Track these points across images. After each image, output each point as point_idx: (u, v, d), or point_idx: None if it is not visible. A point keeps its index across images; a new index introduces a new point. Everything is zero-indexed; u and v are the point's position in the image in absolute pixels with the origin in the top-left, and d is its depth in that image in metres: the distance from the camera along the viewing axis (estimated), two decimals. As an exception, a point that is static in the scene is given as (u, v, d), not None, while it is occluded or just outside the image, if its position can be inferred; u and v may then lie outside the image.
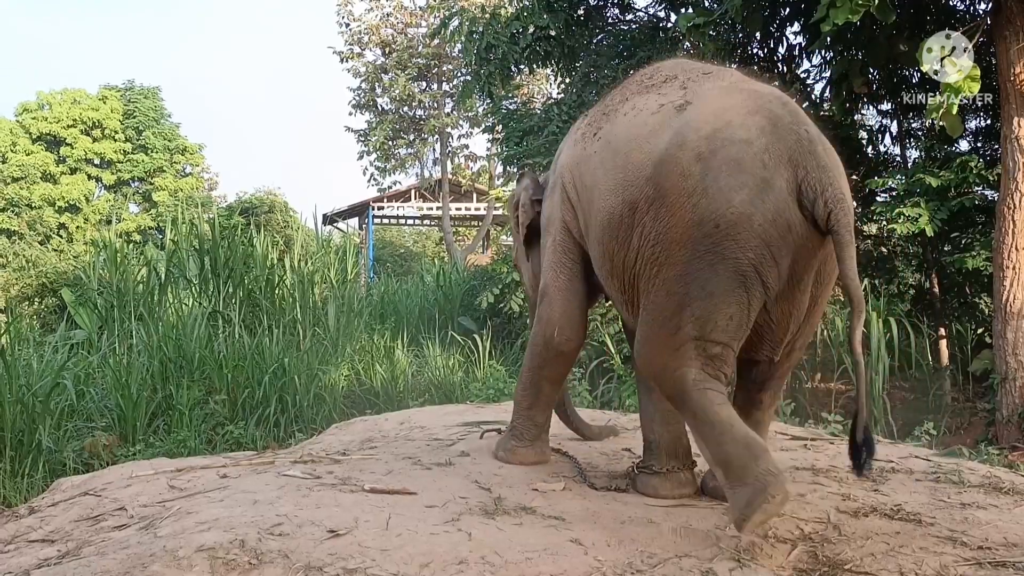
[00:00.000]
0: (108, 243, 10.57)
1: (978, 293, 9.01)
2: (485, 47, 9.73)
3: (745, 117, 2.84)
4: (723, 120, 2.85)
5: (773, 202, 2.73)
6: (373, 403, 8.24)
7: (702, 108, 2.94)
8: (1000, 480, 3.62)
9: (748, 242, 2.73)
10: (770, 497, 2.58)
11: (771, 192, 2.73)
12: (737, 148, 2.77)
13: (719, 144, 2.79)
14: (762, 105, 2.89)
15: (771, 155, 2.76)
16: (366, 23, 22.12)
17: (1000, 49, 7.02)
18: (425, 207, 24.75)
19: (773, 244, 2.75)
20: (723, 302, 2.78)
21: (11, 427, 5.95)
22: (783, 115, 2.85)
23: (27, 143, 27.25)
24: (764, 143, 2.77)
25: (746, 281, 2.77)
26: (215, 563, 2.41)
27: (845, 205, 2.72)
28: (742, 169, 2.74)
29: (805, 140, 2.79)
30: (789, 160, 2.76)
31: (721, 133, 2.81)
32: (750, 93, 2.97)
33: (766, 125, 2.81)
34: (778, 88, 3.22)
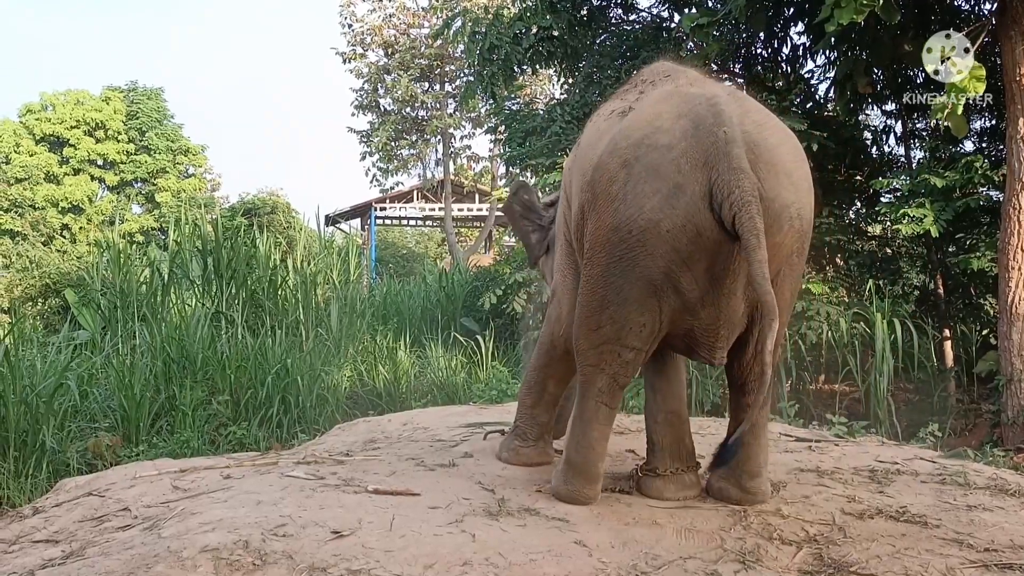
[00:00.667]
0: (111, 244, 10.58)
1: (983, 294, 8.99)
2: (488, 48, 9.72)
3: (673, 122, 2.90)
4: (653, 126, 2.92)
5: (683, 207, 2.77)
6: (376, 404, 8.23)
7: (637, 114, 3.04)
8: (1006, 482, 3.60)
9: (657, 249, 2.82)
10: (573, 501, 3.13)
11: (682, 197, 2.78)
12: (658, 154, 2.85)
13: (643, 151, 2.88)
14: (690, 108, 2.92)
15: (688, 159, 2.80)
16: (369, 24, 22.12)
17: (1005, 49, 7.00)
18: (427, 208, 24.77)
19: (682, 250, 2.81)
20: (636, 310, 2.95)
21: (15, 427, 5.95)
22: (706, 117, 2.86)
23: (30, 144, 27.26)
24: (683, 147, 2.82)
25: (657, 290, 2.90)
26: (219, 564, 2.40)
27: (751, 208, 2.68)
28: (658, 175, 2.82)
29: (721, 142, 2.78)
30: (705, 163, 2.78)
31: (647, 139, 2.89)
32: (684, 97, 3.01)
33: (689, 128, 2.85)
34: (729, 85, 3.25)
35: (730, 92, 3.11)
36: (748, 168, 2.75)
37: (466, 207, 24.49)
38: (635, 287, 2.91)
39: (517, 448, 3.85)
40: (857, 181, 9.77)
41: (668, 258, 2.82)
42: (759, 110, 3.08)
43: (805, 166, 3.03)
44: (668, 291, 2.90)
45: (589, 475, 3.15)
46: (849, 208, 9.95)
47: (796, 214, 2.87)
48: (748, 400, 3.17)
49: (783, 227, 2.84)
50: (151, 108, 28.97)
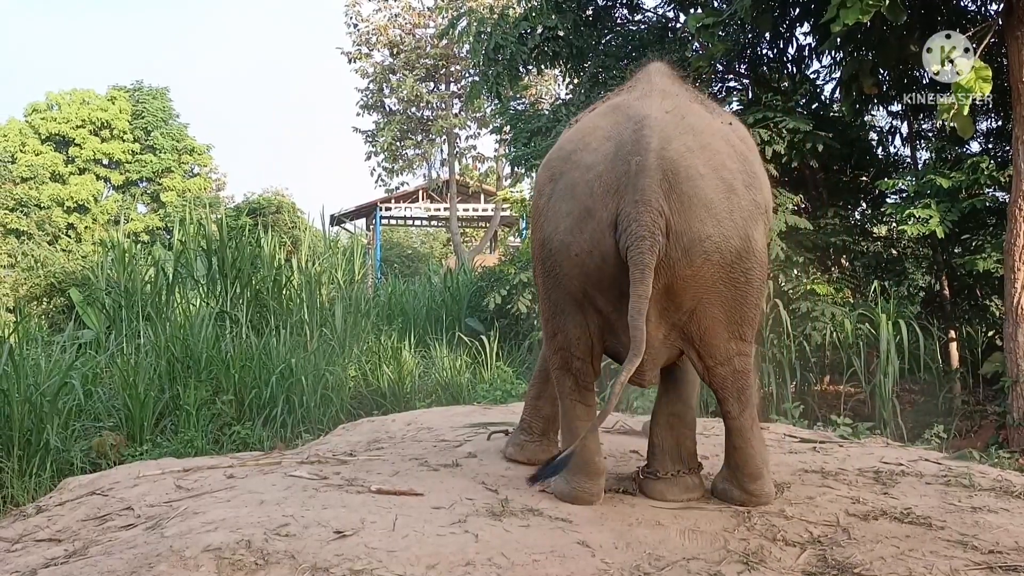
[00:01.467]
0: (116, 243, 10.59)
1: (989, 295, 8.97)
2: (493, 48, 9.72)
3: (600, 142, 2.92)
4: (583, 143, 2.96)
5: (591, 233, 2.80)
6: (380, 404, 8.23)
7: (577, 128, 3.09)
8: (1011, 484, 3.59)
9: (570, 271, 2.88)
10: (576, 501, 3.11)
11: (590, 222, 2.80)
12: (578, 173, 2.88)
13: (568, 167, 2.92)
14: (618, 131, 2.92)
15: (601, 183, 2.81)
16: (374, 24, 22.15)
17: (1011, 49, 6.98)
18: (432, 208, 24.79)
19: (591, 274, 2.84)
20: (570, 323, 3.03)
21: (19, 426, 5.96)
22: (626, 142, 2.85)
23: (36, 143, 27.37)
24: (600, 170, 2.83)
25: (580, 306, 2.96)
26: (221, 563, 2.40)
27: (642, 244, 2.67)
28: (573, 196, 2.86)
29: (632, 171, 2.76)
30: (616, 190, 2.78)
31: (574, 156, 2.93)
32: (623, 115, 3.00)
33: (610, 152, 2.86)
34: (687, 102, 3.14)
35: (672, 110, 3.00)
36: (653, 200, 2.72)
37: (471, 207, 24.51)
38: (565, 301, 3.00)
39: (522, 443, 3.84)
40: (863, 182, 9.75)
41: (580, 280, 2.89)
42: (704, 131, 2.97)
43: (742, 195, 2.91)
44: (590, 309, 2.97)
45: (589, 470, 3.15)
46: (854, 209, 9.94)
47: (714, 247, 2.80)
48: (726, 407, 3.15)
49: (694, 260, 2.79)
50: (157, 107, 29.06)
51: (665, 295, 2.84)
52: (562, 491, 3.19)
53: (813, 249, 8.55)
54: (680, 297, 2.87)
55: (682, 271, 2.78)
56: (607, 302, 2.89)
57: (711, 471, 3.48)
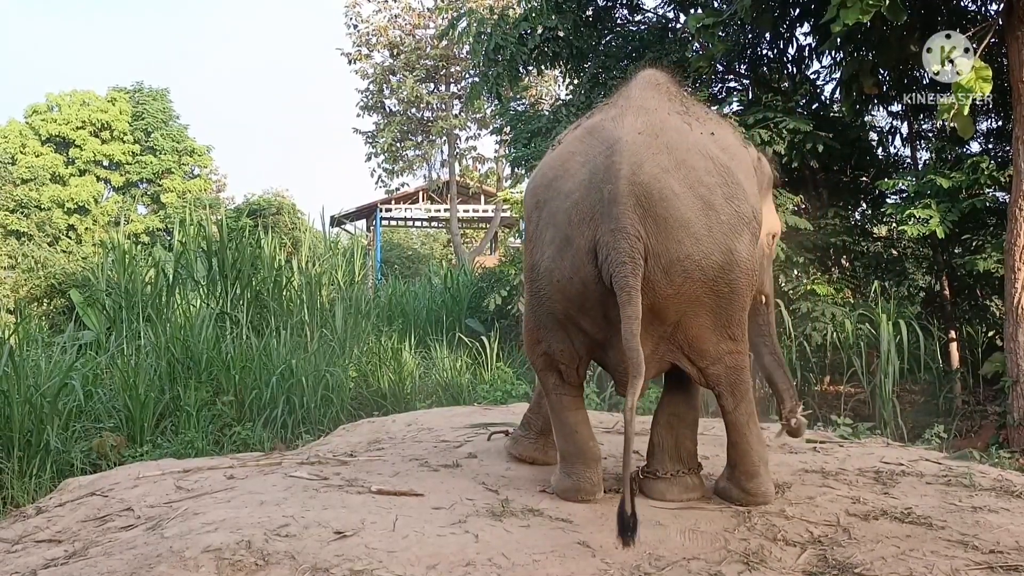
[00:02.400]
0: (116, 244, 10.59)
1: (989, 295, 8.97)
2: (493, 48, 9.73)
3: (578, 168, 2.99)
4: (563, 168, 3.04)
5: (570, 260, 2.89)
6: (380, 405, 8.23)
7: (558, 152, 3.17)
8: (1012, 484, 3.59)
9: (553, 295, 3.00)
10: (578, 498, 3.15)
11: (570, 250, 2.89)
12: (559, 202, 2.97)
13: (550, 194, 3.03)
14: (592, 157, 2.97)
15: (578, 211, 2.88)
16: (374, 25, 22.16)
17: (1011, 49, 6.98)
18: (433, 209, 24.77)
19: (574, 298, 2.95)
20: (554, 336, 3.16)
21: (19, 427, 5.96)
22: (599, 170, 2.89)
23: (36, 145, 27.35)
24: (576, 198, 2.90)
25: (564, 326, 3.09)
26: (221, 564, 2.40)
27: (624, 269, 2.73)
28: (555, 224, 2.96)
29: (607, 199, 2.81)
30: (592, 218, 2.84)
31: (555, 183, 3.02)
32: (598, 140, 3.04)
33: (585, 179, 2.92)
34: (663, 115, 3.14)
35: (645, 129, 3.00)
36: (629, 226, 2.77)
37: (471, 208, 24.50)
38: (549, 320, 3.11)
39: (518, 438, 3.88)
40: (863, 182, 9.75)
41: (564, 304, 2.99)
42: (679, 147, 2.97)
43: (722, 208, 2.91)
44: (573, 329, 3.08)
45: (586, 457, 3.21)
46: (855, 209, 9.94)
47: (694, 266, 2.83)
48: (722, 403, 3.19)
49: (674, 279, 2.84)
50: (157, 109, 29.05)
51: (649, 312, 2.87)
52: (563, 485, 3.20)
53: (813, 249, 8.55)
54: (664, 313, 2.93)
55: (663, 291, 2.85)
56: (591, 323, 3.01)
57: (712, 471, 3.48)
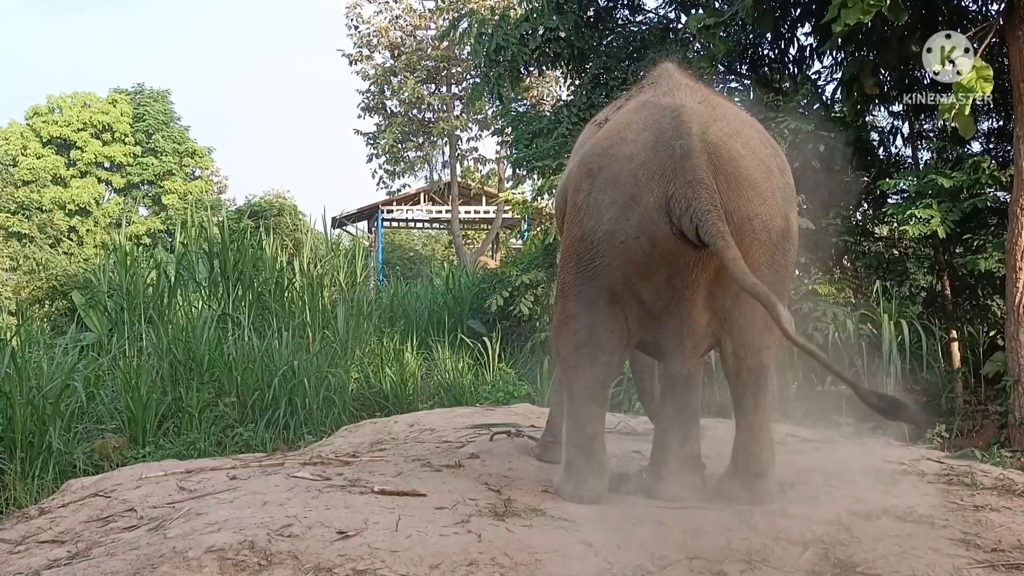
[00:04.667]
0: (118, 246, 10.59)
1: (990, 295, 8.95)
2: (494, 49, 9.73)
3: (637, 134, 2.93)
4: (619, 137, 2.97)
5: (637, 218, 2.81)
6: (382, 405, 8.23)
7: (610, 125, 3.10)
8: (1013, 483, 3.59)
9: (614, 260, 2.88)
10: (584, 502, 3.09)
11: (636, 208, 2.81)
12: (619, 165, 2.88)
13: (606, 161, 2.93)
14: (655, 121, 2.94)
15: (645, 171, 2.82)
16: (375, 25, 22.14)
17: (1012, 49, 6.98)
18: (434, 210, 24.77)
19: (638, 260, 2.85)
20: (603, 318, 3.01)
21: (22, 429, 5.96)
22: (666, 129, 2.87)
23: (37, 147, 27.37)
24: (642, 159, 2.84)
25: (620, 300, 2.96)
26: (224, 564, 2.41)
27: (711, 215, 2.70)
28: (616, 186, 2.87)
29: (678, 155, 2.79)
30: (662, 175, 2.79)
31: (611, 150, 2.94)
32: (655, 107, 3.02)
33: (650, 140, 2.87)
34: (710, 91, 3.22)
35: (703, 100, 3.08)
36: (706, 179, 2.75)
37: (473, 209, 24.49)
38: (600, 297, 2.98)
39: (547, 444, 3.93)
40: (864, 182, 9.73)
41: (625, 269, 2.88)
42: (735, 118, 3.05)
43: (778, 177, 3.00)
44: (631, 301, 2.96)
45: (593, 468, 3.18)
46: (856, 209, 9.92)
47: (762, 226, 2.87)
48: (742, 401, 3.19)
49: (745, 239, 2.84)
50: (158, 110, 29.08)
51: (714, 279, 2.88)
52: (567, 489, 3.20)
53: (815, 249, 8.54)
54: (728, 282, 2.90)
55: None
56: (652, 290, 2.91)
57: (713, 471, 3.49)
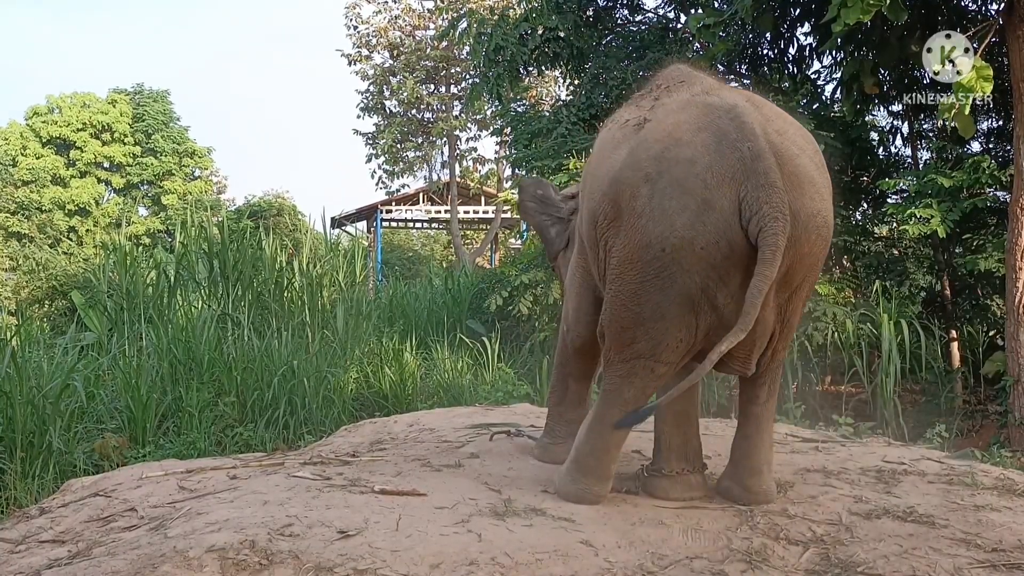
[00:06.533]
0: (118, 246, 10.58)
1: (990, 295, 8.97)
2: (494, 49, 9.74)
3: (693, 135, 2.86)
4: (672, 138, 2.88)
5: (714, 223, 2.75)
6: (382, 405, 8.23)
7: (656, 126, 2.99)
8: (1014, 482, 3.59)
9: (693, 266, 2.78)
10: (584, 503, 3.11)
11: (712, 213, 2.75)
12: (681, 169, 2.80)
13: (665, 165, 2.84)
14: (711, 120, 2.89)
15: (713, 174, 2.77)
16: (374, 26, 22.15)
17: (1012, 49, 6.99)
18: (433, 210, 24.77)
19: (718, 265, 2.78)
20: (673, 326, 2.90)
21: (22, 428, 5.95)
22: (729, 131, 2.83)
23: (37, 147, 27.37)
24: (707, 162, 2.78)
25: (694, 306, 2.86)
26: (225, 563, 2.41)
27: (777, 224, 2.68)
28: (685, 191, 2.78)
29: (747, 157, 2.76)
30: (732, 178, 2.75)
31: (668, 153, 2.85)
32: (704, 107, 2.97)
33: (711, 142, 2.82)
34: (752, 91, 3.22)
35: (748, 99, 3.07)
36: (777, 182, 2.73)
37: (472, 209, 24.49)
38: (673, 304, 2.86)
39: (546, 446, 3.90)
40: (864, 182, 9.75)
41: (704, 275, 2.79)
42: (779, 117, 3.05)
43: (826, 171, 3.02)
44: (705, 307, 2.86)
45: (601, 475, 3.16)
46: (856, 209, 9.94)
47: (823, 222, 2.87)
48: (758, 392, 3.19)
49: (811, 237, 2.84)
50: (157, 110, 29.08)
51: (783, 277, 2.87)
52: (568, 491, 3.19)
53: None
54: (793, 278, 2.92)
55: (801, 249, 2.82)
56: (727, 295, 2.84)
57: (713, 471, 3.49)
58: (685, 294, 2.84)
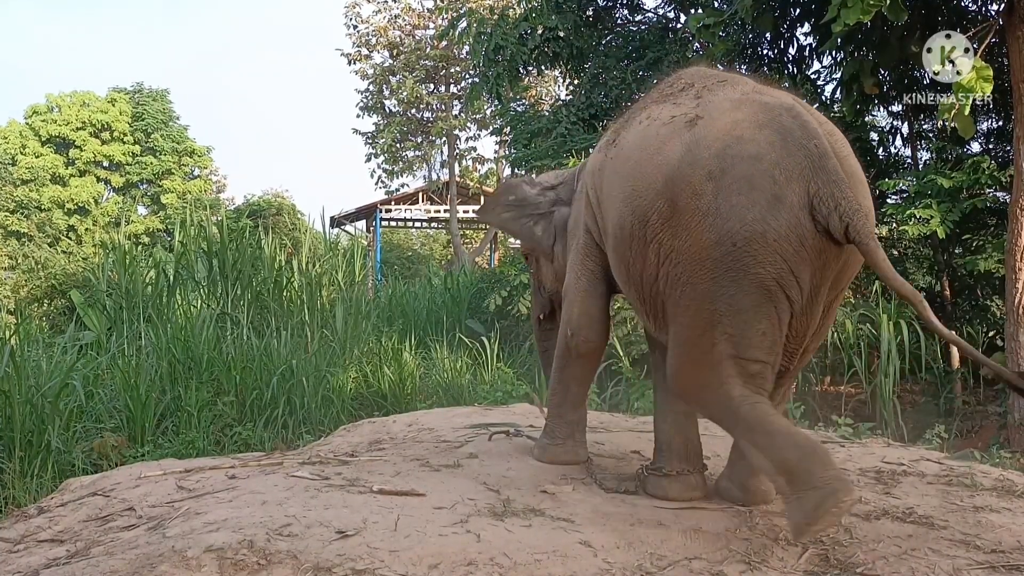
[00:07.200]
0: (117, 245, 10.59)
1: (990, 296, 8.97)
2: (493, 48, 9.75)
3: (754, 132, 2.84)
4: (733, 136, 2.85)
5: (786, 218, 2.73)
6: (381, 405, 8.23)
7: (712, 123, 2.93)
8: (1013, 483, 3.59)
9: (766, 258, 2.74)
10: (840, 501, 2.54)
11: (783, 208, 2.74)
12: (746, 165, 2.78)
13: (729, 162, 2.80)
14: (772, 118, 2.87)
15: (781, 170, 2.76)
16: (374, 25, 22.16)
17: (1012, 49, 6.98)
18: (433, 210, 24.78)
19: (790, 259, 2.75)
20: (753, 317, 2.80)
21: (20, 428, 5.95)
22: (793, 128, 2.83)
23: (36, 145, 27.34)
24: (774, 158, 2.77)
25: (771, 296, 2.79)
26: (224, 563, 2.40)
27: (862, 214, 2.70)
28: (753, 187, 2.76)
29: (815, 155, 2.77)
30: (800, 175, 2.75)
31: (731, 150, 2.82)
32: (761, 105, 2.95)
33: (776, 140, 2.81)
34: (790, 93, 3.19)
35: (796, 100, 3.07)
36: (845, 178, 2.76)
37: (471, 209, 24.48)
38: (750, 295, 2.79)
39: (546, 446, 3.88)
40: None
41: (777, 267, 2.76)
42: (825, 120, 3.06)
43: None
44: (781, 298, 2.82)
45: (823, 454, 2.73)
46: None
47: (872, 221, 2.86)
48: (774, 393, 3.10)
49: None
50: (157, 109, 29.05)
51: (838, 275, 2.90)
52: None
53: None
54: (846, 276, 2.94)
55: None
56: (798, 290, 2.82)
57: (714, 471, 3.49)
58: (760, 284, 2.78)
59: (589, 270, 3.63)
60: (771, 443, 2.72)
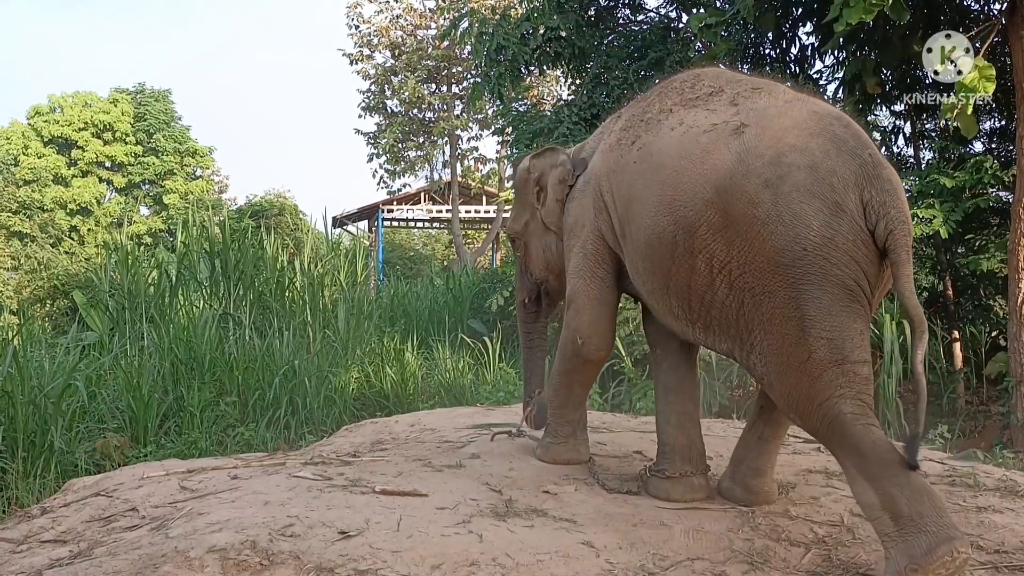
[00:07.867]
0: (119, 245, 10.60)
1: (992, 295, 8.95)
2: (495, 48, 9.73)
3: (807, 140, 2.82)
4: (785, 144, 2.82)
5: (848, 225, 2.71)
6: (383, 405, 8.23)
7: (761, 131, 2.90)
8: (1016, 484, 3.59)
9: (839, 259, 2.69)
10: (956, 551, 2.39)
11: (844, 215, 2.72)
12: (804, 174, 2.75)
13: (784, 170, 2.77)
14: (824, 127, 2.86)
15: (839, 178, 2.74)
16: (376, 25, 22.15)
17: (1015, 49, 6.97)
18: (435, 210, 24.79)
19: (860, 262, 2.72)
20: (847, 317, 2.71)
21: (23, 428, 5.96)
22: (846, 138, 2.83)
23: (39, 146, 27.36)
24: (830, 166, 2.75)
25: (856, 296, 2.73)
26: (226, 564, 2.41)
27: (906, 227, 2.70)
28: (813, 194, 2.73)
29: (869, 164, 2.77)
30: (855, 183, 2.74)
31: (785, 158, 2.79)
32: (810, 114, 2.93)
33: (830, 148, 2.79)
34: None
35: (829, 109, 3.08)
36: (899, 188, 2.77)
37: (473, 209, 24.50)
38: (837, 297, 2.70)
39: (549, 445, 3.87)
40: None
41: (852, 268, 2.71)
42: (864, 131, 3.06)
43: None
44: (864, 300, 2.76)
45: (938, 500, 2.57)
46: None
47: (911, 233, 2.84)
48: None
49: (908, 242, 2.80)
50: (159, 110, 29.06)
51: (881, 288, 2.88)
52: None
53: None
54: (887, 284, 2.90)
55: None
56: (869, 294, 2.80)
57: (716, 472, 3.49)
58: (842, 285, 2.70)
59: (600, 277, 3.57)
60: (882, 474, 2.56)
